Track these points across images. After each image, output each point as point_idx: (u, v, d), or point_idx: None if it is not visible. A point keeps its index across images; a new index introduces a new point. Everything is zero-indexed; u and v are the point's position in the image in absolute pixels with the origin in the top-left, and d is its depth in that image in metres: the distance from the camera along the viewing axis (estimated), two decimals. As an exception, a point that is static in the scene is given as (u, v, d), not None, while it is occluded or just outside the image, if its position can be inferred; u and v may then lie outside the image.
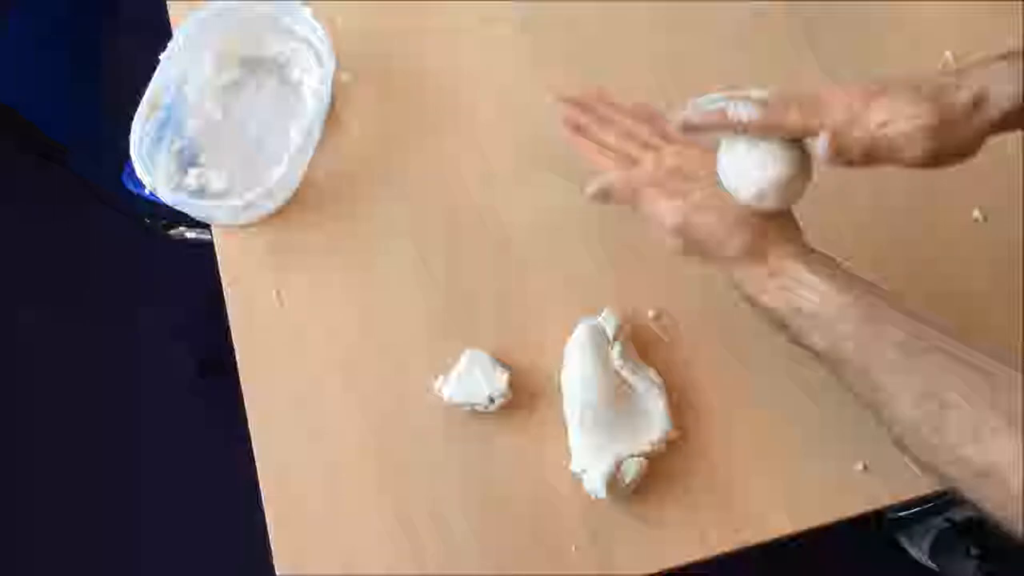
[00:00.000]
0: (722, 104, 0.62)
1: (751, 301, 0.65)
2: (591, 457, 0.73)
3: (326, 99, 0.82)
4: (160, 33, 0.85)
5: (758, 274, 0.63)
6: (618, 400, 0.75)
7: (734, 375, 0.79)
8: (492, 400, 0.75)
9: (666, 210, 0.65)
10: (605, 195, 0.69)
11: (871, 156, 0.60)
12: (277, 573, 0.72)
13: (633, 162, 0.71)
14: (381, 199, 0.85)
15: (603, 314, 0.78)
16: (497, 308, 0.81)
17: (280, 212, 0.83)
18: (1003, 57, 0.60)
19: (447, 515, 0.74)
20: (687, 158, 0.69)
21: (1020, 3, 0.90)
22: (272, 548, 0.73)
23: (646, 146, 0.71)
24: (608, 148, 0.72)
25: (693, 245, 0.65)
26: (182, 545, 1.43)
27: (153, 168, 0.81)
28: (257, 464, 0.76)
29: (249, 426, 0.77)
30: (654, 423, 0.75)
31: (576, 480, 0.74)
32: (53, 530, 1.46)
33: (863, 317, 0.60)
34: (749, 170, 0.63)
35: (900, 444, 0.58)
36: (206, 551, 1.42)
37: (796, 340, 0.63)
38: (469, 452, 0.76)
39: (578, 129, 0.74)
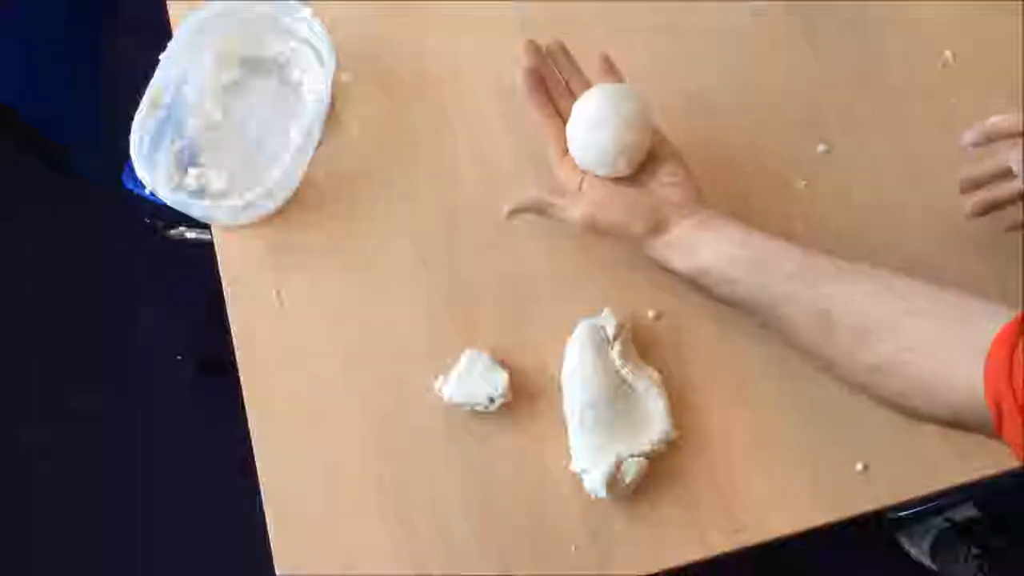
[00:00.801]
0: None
1: (666, 269, 0.72)
2: (591, 457, 0.73)
3: (326, 99, 0.82)
4: (160, 33, 0.85)
5: (663, 245, 0.72)
6: (618, 400, 0.75)
7: (734, 375, 0.79)
8: (492, 400, 0.75)
9: (573, 214, 0.74)
10: (519, 211, 0.77)
11: None
12: (277, 573, 0.72)
13: None
14: (381, 199, 0.85)
15: (603, 314, 0.77)
16: (497, 308, 0.81)
17: (280, 212, 0.83)
18: None
19: (447, 515, 0.74)
20: None
21: (1020, 3, 0.90)
22: (272, 548, 0.73)
23: None
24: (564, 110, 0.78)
25: (606, 233, 0.74)
26: (182, 545, 1.43)
27: (153, 168, 0.81)
28: (257, 464, 0.76)
29: (249, 426, 0.77)
30: (654, 423, 0.75)
31: (576, 480, 0.74)
32: (53, 530, 1.46)
33: (757, 262, 0.68)
34: (591, 137, 0.74)
35: (825, 371, 0.67)
36: (206, 551, 1.42)
37: (717, 298, 0.71)
38: (469, 452, 0.76)
39: (538, 85, 0.78)
